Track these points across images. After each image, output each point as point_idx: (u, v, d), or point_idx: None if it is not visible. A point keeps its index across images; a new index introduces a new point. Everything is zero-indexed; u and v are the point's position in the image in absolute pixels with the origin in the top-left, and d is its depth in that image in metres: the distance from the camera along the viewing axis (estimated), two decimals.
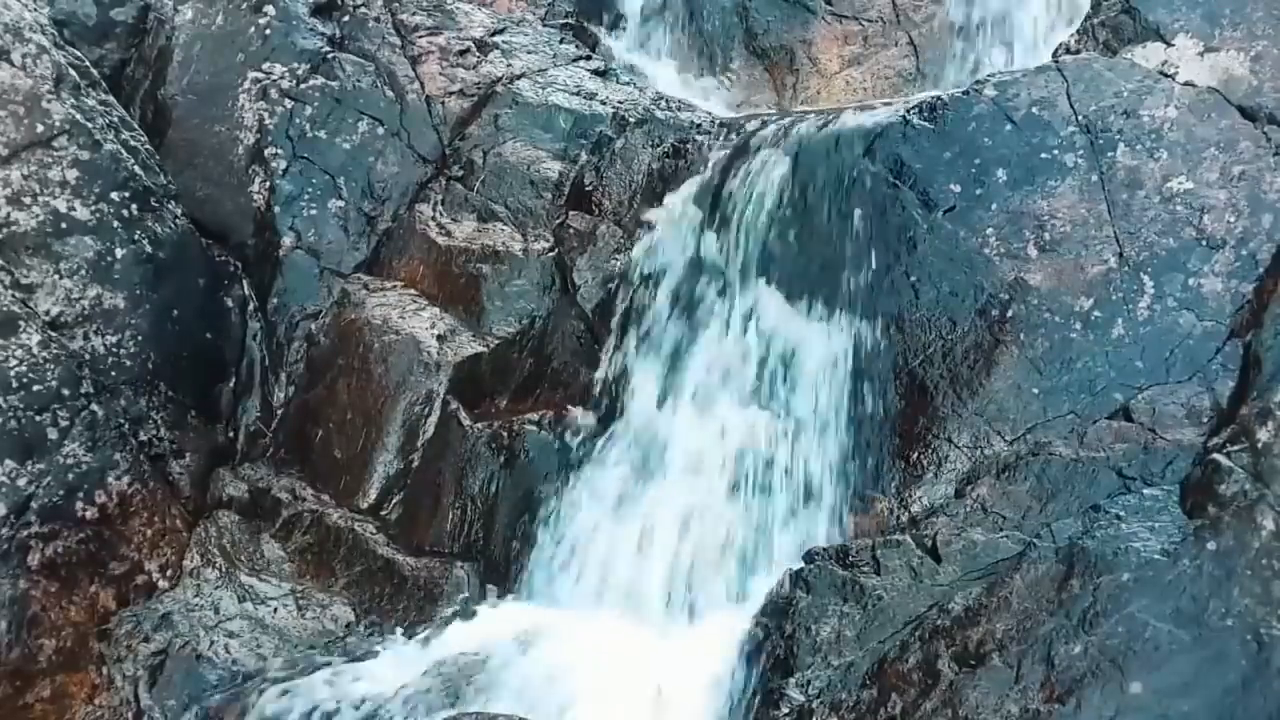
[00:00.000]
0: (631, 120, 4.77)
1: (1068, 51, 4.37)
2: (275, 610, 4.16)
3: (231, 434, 4.59)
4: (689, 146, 4.59)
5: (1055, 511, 3.67)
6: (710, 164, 4.45)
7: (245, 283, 4.70)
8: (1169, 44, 4.20)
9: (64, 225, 4.31)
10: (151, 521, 4.28)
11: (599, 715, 3.65)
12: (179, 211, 4.59)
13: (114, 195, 4.42)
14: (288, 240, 4.74)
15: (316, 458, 4.50)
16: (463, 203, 4.76)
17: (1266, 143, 4.00)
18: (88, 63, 4.65)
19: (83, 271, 4.32)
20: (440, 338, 4.46)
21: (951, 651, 3.37)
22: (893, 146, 4.13)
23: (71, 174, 4.35)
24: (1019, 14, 5.36)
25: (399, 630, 4.04)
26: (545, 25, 5.36)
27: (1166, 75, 4.14)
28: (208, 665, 3.97)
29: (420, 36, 5.10)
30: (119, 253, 4.38)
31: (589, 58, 5.21)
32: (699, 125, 4.69)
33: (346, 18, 5.09)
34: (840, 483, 3.95)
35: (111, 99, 4.65)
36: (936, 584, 3.58)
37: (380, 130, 4.89)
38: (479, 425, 4.31)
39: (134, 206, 4.45)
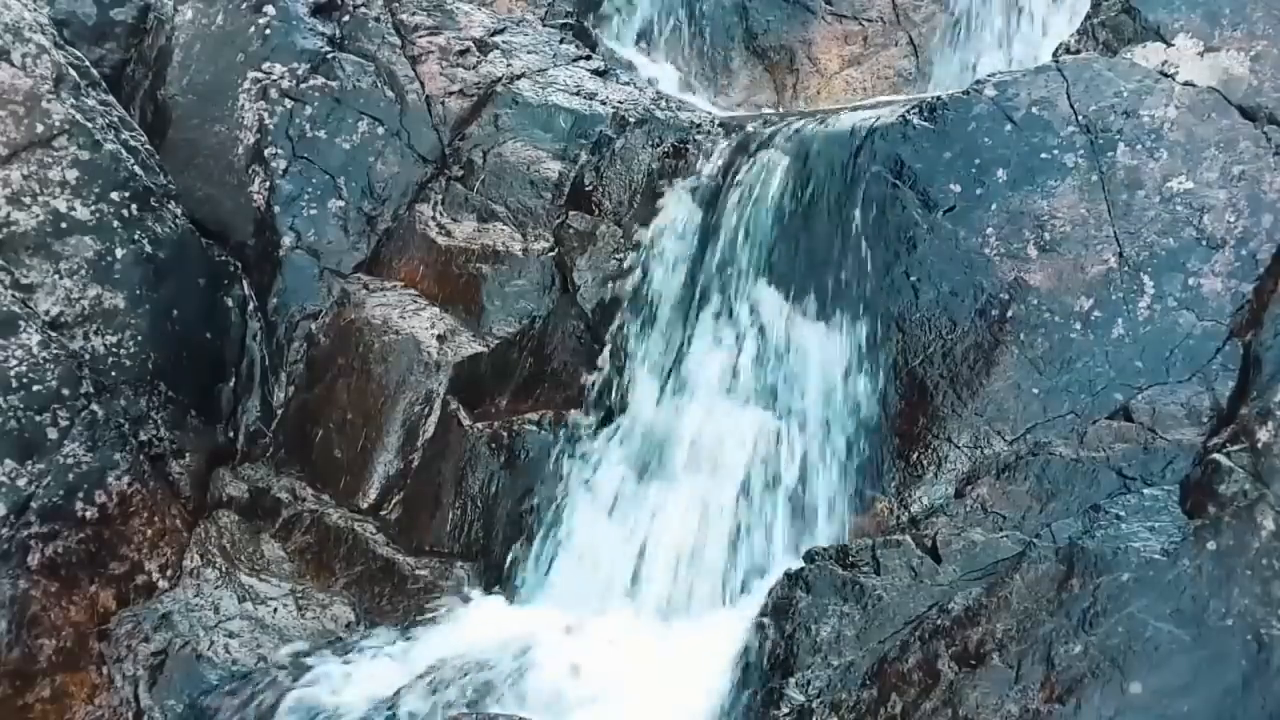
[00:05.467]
0: (631, 120, 4.77)
1: (1068, 51, 4.37)
2: (275, 610, 4.16)
3: (231, 434, 4.59)
4: (689, 146, 4.59)
5: (1055, 511, 3.67)
6: (710, 164, 4.46)
7: (245, 283, 4.70)
8: (1169, 44, 4.20)
9: (64, 225, 4.31)
10: (151, 521, 4.27)
11: (599, 715, 3.65)
12: (179, 211, 4.59)
13: (114, 195, 4.42)
14: (288, 240, 4.74)
15: (316, 458, 4.50)
16: (463, 203, 4.76)
17: (1266, 143, 4.00)
18: (88, 63, 4.65)
19: (83, 271, 4.32)
20: (440, 338, 4.46)
21: (951, 651, 3.37)
22: (893, 146, 4.13)
23: (71, 174, 4.35)
24: None
25: (399, 630, 4.04)
26: (545, 25, 5.37)
27: (1166, 75, 4.14)
28: (208, 665, 3.97)
29: (420, 36, 5.10)
30: (119, 253, 4.38)
31: (589, 58, 5.21)
32: (699, 125, 4.69)
33: (346, 18, 5.09)
34: (840, 482, 3.95)
35: (111, 99, 4.65)
36: (936, 584, 3.58)
37: (380, 130, 4.89)
38: (479, 425, 4.31)
39: (134, 206, 4.45)
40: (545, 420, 4.28)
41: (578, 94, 4.93)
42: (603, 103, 4.88)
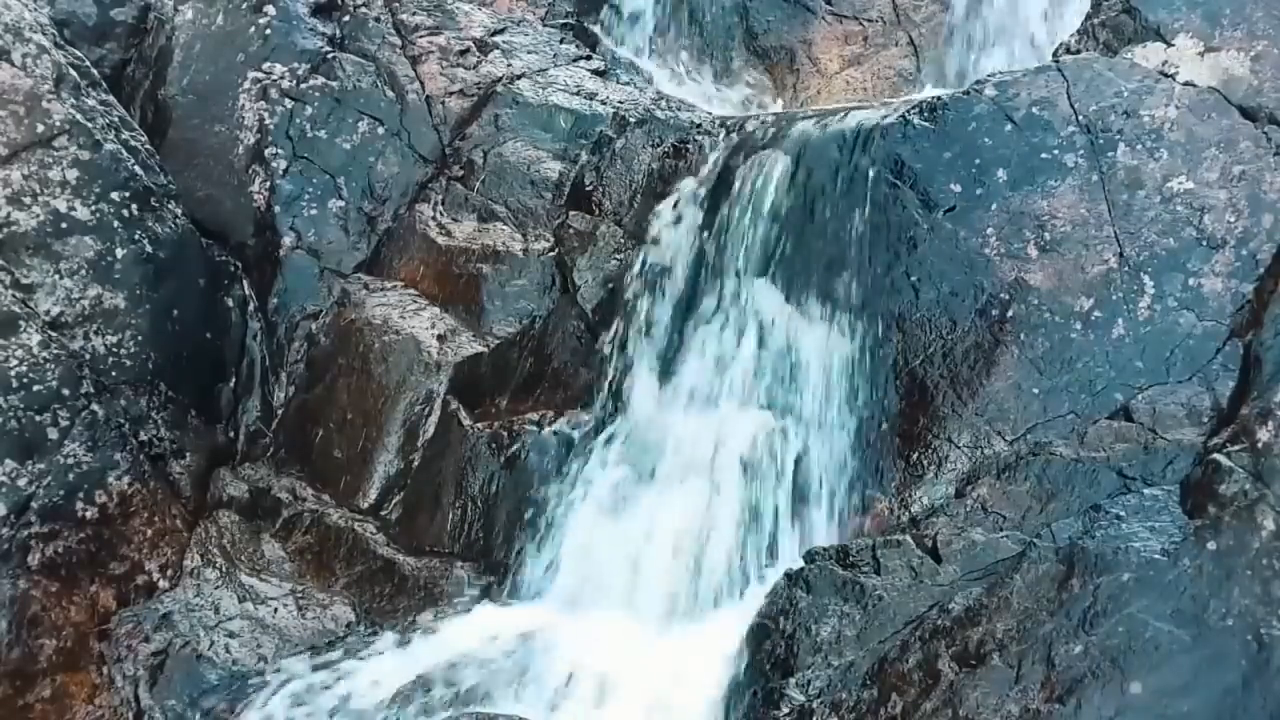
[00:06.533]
0: (632, 120, 4.77)
1: (1068, 51, 4.37)
2: (275, 610, 4.16)
3: (231, 434, 4.59)
4: (689, 146, 4.59)
5: (1055, 511, 3.67)
6: (710, 164, 4.46)
7: (245, 283, 4.70)
8: (1169, 44, 4.20)
9: (64, 225, 4.31)
10: (152, 521, 4.28)
11: (599, 715, 3.65)
12: (179, 211, 4.59)
13: (114, 195, 4.42)
14: (288, 240, 4.74)
15: (316, 458, 4.50)
16: (463, 203, 4.76)
17: (1267, 143, 4.00)
18: (88, 63, 4.65)
19: (83, 271, 4.32)
20: (440, 338, 4.46)
21: (952, 651, 3.37)
22: (893, 146, 4.12)
23: (72, 174, 4.35)
24: None
25: (399, 630, 4.04)
26: (545, 25, 5.37)
27: (1167, 75, 4.14)
28: (208, 665, 3.97)
29: (420, 36, 5.10)
30: (119, 253, 4.38)
31: (589, 58, 5.22)
32: (699, 125, 4.69)
33: (347, 18, 5.09)
34: (840, 483, 3.95)
35: (112, 99, 4.65)
36: (937, 584, 3.58)
37: (380, 130, 4.89)
38: (479, 425, 4.31)
39: (134, 206, 4.45)
40: (545, 420, 4.28)
41: (578, 94, 4.93)
42: (603, 103, 4.88)
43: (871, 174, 4.10)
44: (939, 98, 4.25)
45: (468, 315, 4.55)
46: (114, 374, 4.31)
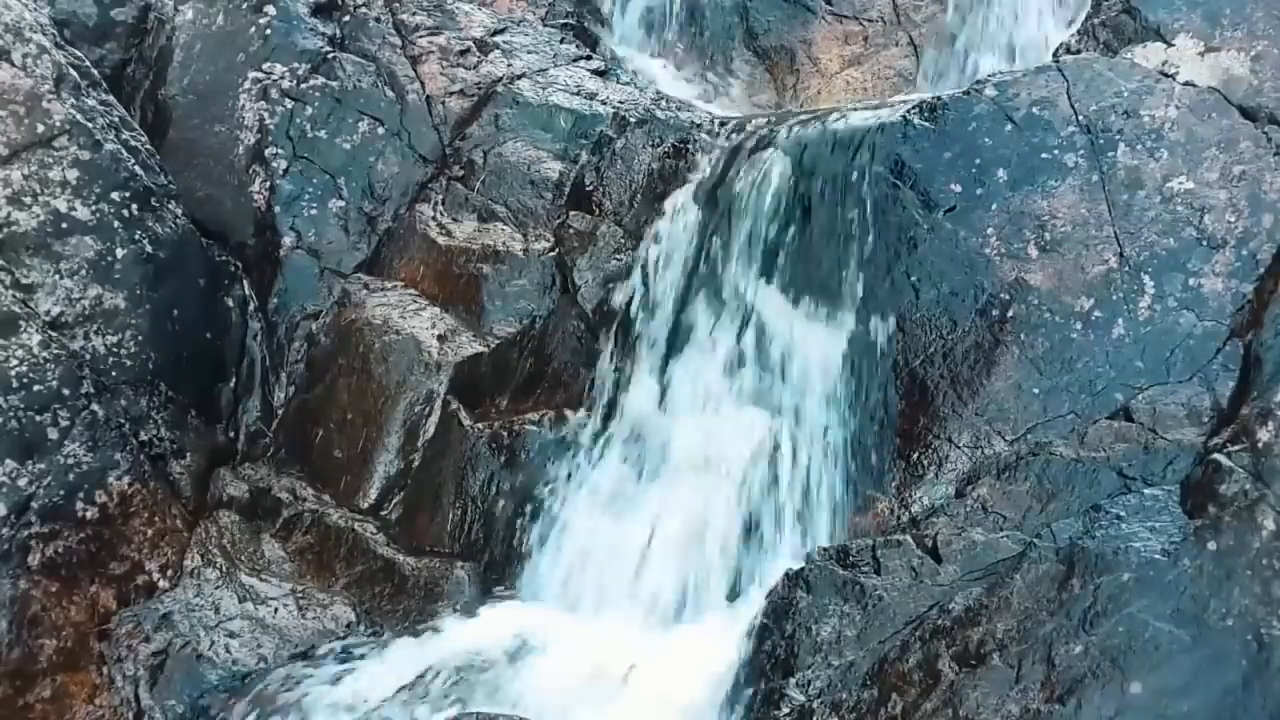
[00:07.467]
0: (632, 120, 4.77)
1: (1068, 51, 4.38)
2: (275, 610, 4.16)
3: (232, 434, 4.59)
4: (689, 146, 4.59)
5: (1056, 511, 3.67)
6: (710, 164, 4.46)
7: (245, 283, 4.70)
8: (1169, 44, 4.20)
9: (64, 225, 4.31)
10: (152, 521, 4.28)
11: (599, 716, 3.65)
12: (179, 211, 4.59)
13: (114, 195, 4.42)
14: (288, 240, 4.74)
15: (317, 458, 4.50)
16: (463, 203, 4.76)
17: (1267, 143, 4.00)
18: (88, 63, 4.65)
19: (83, 271, 4.32)
20: (440, 338, 4.46)
21: (952, 651, 3.37)
22: (893, 146, 4.13)
23: (72, 174, 4.35)
24: None
25: (399, 630, 4.05)
26: (545, 25, 5.37)
27: (1167, 75, 4.15)
28: (208, 665, 3.97)
29: (420, 36, 5.10)
30: (119, 253, 4.38)
31: (589, 58, 5.22)
32: (699, 125, 4.69)
33: (347, 18, 5.09)
34: (840, 483, 3.95)
35: (112, 99, 4.65)
36: (937, 584, 3.59)
37: (381, 130, 4.89)
38: (479, 425, 4.31)
39: (134, 206, 4.45)
40: (545, 420, 4.28)
41: (578, 94, 4.93)
42: (603, 103, 4.88)
43: (872, 174, 4.10)
44: (939, 98, 4.25)
45: (468, 315, 4.55)
46: (114, 374, 4.31)
